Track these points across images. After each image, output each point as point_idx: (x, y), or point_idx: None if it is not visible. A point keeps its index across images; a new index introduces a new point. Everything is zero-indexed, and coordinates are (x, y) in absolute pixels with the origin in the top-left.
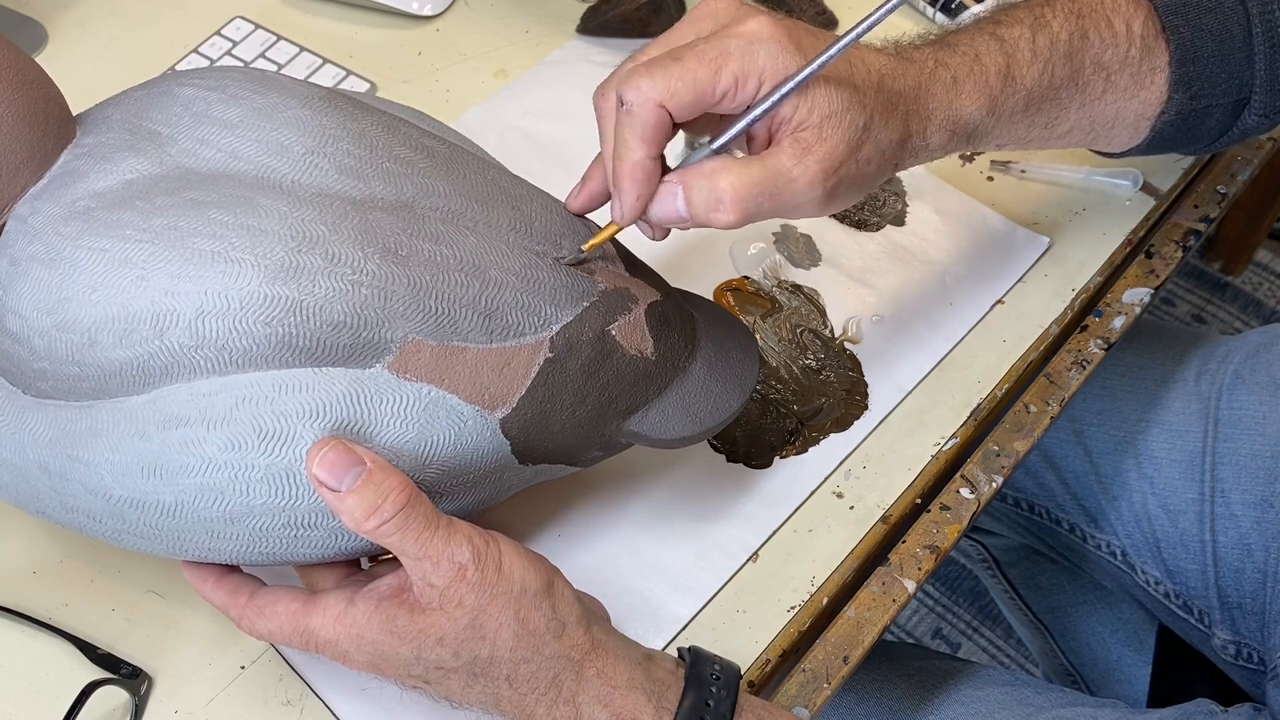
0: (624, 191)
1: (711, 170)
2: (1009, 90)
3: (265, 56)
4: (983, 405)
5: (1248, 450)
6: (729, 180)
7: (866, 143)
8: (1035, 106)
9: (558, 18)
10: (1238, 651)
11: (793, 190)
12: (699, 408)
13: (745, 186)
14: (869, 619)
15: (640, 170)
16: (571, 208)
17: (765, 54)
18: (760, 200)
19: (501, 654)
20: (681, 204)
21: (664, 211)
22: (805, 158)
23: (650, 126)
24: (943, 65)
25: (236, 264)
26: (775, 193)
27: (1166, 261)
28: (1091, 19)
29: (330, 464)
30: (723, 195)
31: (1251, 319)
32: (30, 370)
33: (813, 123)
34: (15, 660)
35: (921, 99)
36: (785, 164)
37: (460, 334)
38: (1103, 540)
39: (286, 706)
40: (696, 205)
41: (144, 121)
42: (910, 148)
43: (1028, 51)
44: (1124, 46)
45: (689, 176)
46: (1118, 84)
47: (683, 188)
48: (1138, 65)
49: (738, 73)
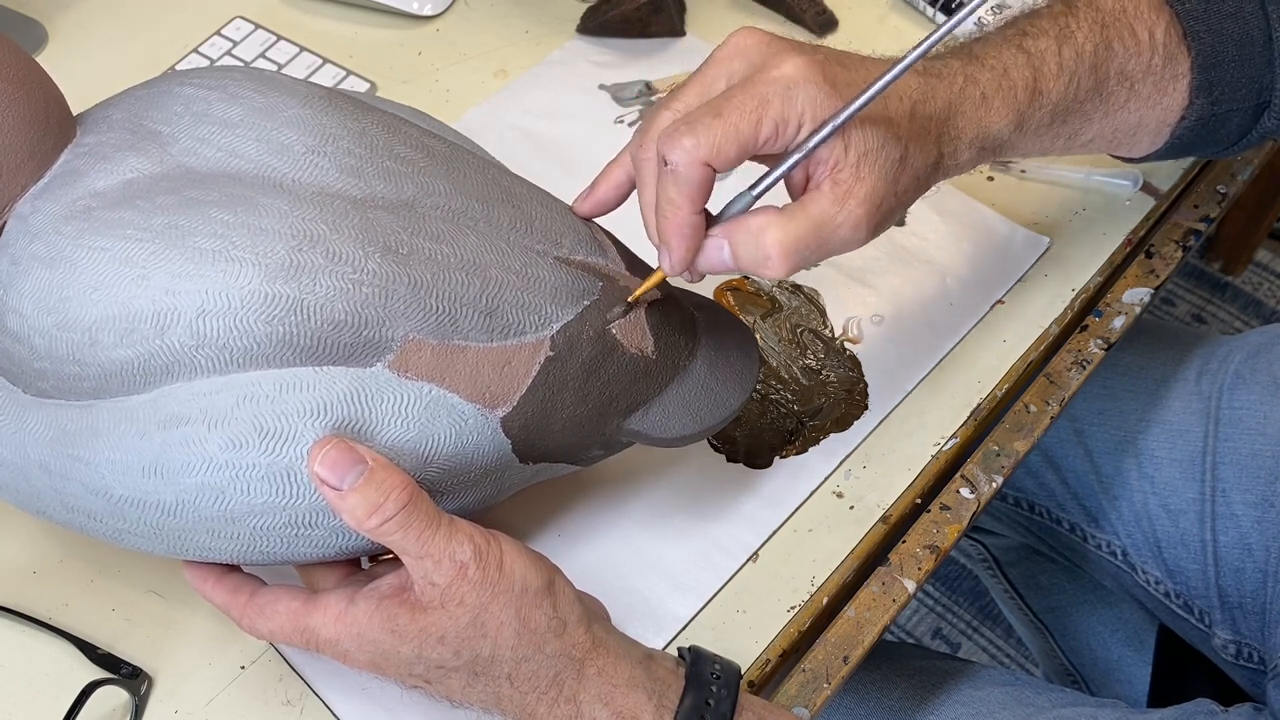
0: (673, 248)
1: (757, 228)
2: (1036, 105)
3: (265, 56)
4: (983, 405)
5: (1248, 450)
6: (774, 236)
7: (903, 174)
8: (1061, 119)
9: (558, 18)
10: (1238, 651)
11: (839, 236)
12: (699, 406)
13: (791, 242)
14: (869, 619)
15: (688, 227)
16: (578, 210)
17: (804, 97)
18: (806, 252)
19: (503, 653)
20: (728, 257)
21: (711, 264)
22: (847, 201)
23: (695, 186)
24: (971, 81)
25: (237, 263)
26: (821, 242)
27: (1166, 261)
28: (1115, 28)
29: (332, 462)
30: (769, 252)
31: (1251, 319)
32: (31, 369)
33: (850, 162)
34: (15, 660)
35: (952, 119)
36: (828, 210)
37: (461, 333)
38: (1103, 540)
39: (286, 706)
40: (744, 260)
41: (145, 121)
42: (942, 168)
43: (1054, 65)
44: (1147, 55)
45: (734, 233)
46: (1140, 92)
47: (729, 243)
48: (1160, 73)
49: (778, 119)
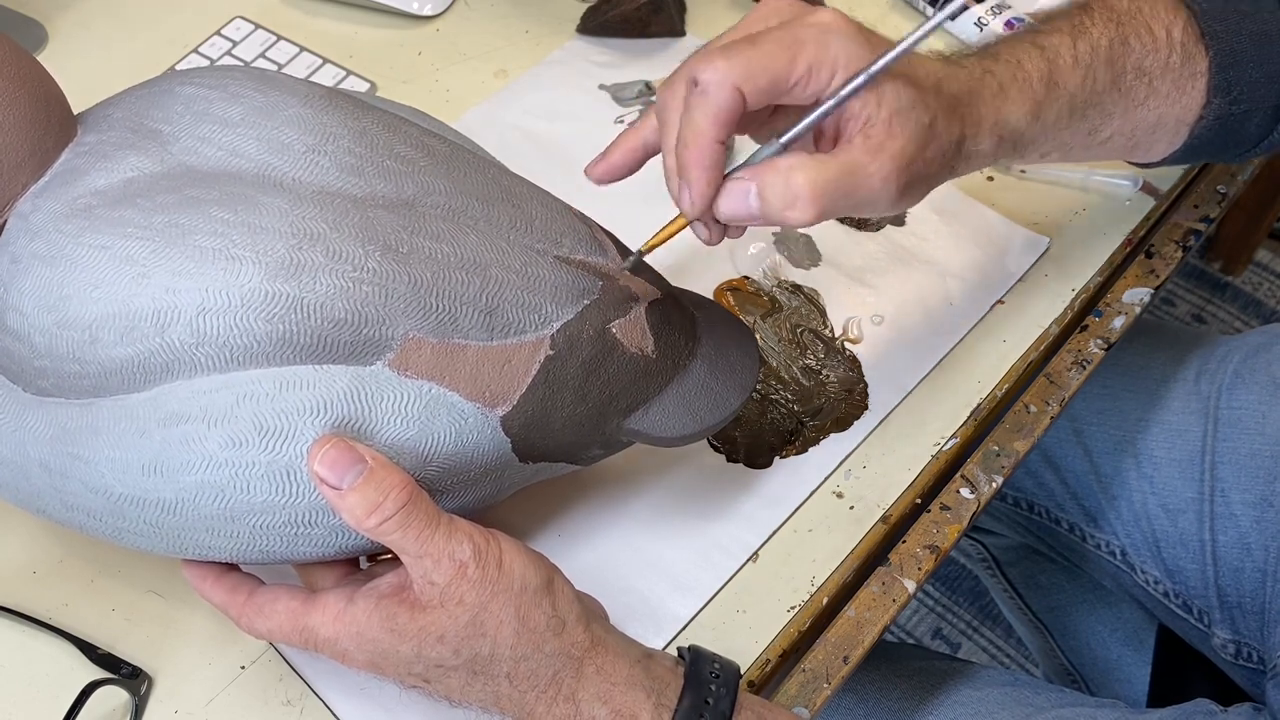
0: (694, 180)
1: (787, 167)
2: (1053, 96)
3: (265, 56)
4: (983, 405)
5: (1247, 450)
6: (805, 176)
7: (932, 141)
8: (1080, 113)
9: (558, 18)
10: (1237, 651)
11: (869, 187)
12: (699, 406)
13: (822, 183)
14: (869, 619)
15: (710, 154)
16: (590, 174)
17: (838, 44)
18: (836, 197)
19: (502, 651)
20: (754, 200)
21: (734, 209)
22: (879, 155)
23: (724, 109)
24: (989, 73)
25: (238, 261)
26: (851, 190)
27: (1166, 261)
28: (1131, 25)
29: (332, 461)
30: (799, 192)
31: (1251, 319)
32: (31, 368)
33: (882, 118)
34: (15, 660)
35: (973, 104)
36: (860, 159)
37: (461, 331)
38: (1102, 540)
39: (286, 706)
40: (771, 202)
41: (145, 120)
42: (965, 152)
43: (1069, 57)
44: (1164, 52)
45: (762, 173)
46: (1159, 89)
47: (756, 184)
48: (1179, 71)
49: (812, 61)
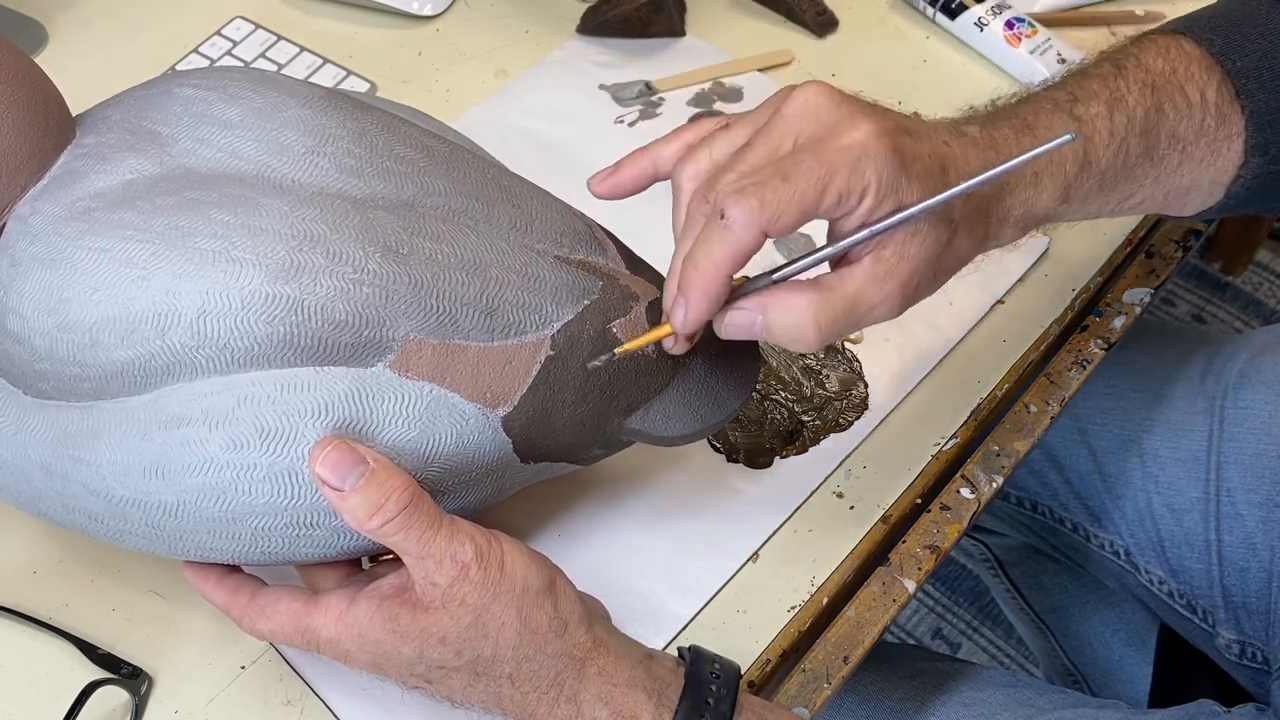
0: (693, 304)
1: (797, 308)
2: (1084, 175)
3: (265, 56)
4: (983, 405)
5: (1253, 449)
6: (814, 315)
7: (947, 254)
8: (1110, 186)
9: (558, 18)
10: (1242, 651)
11: (872, 315)
12: (700, 405)
13: (828, 320)
14: (869, 619)
15: (717, 286)
16: (594, 188)
17: (872, 171)
18: (840, 328)
19: (504, 653)
20: (760, 329)
21: (737, 327)
22: (885, 282)
23: (743, 250)
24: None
25: (238, 263)
26: (855, 320)
27: (1166, 261)
28: (1165, 90)
29: (333, 463)
30: (805, 331)
31: (1251, 319)
32: (31, 371)
33: (896, 240)
34: (15, 660)
35: (1003, 198)
36: (865, 291)
37: (461, 332)
38: (1106, 540)
39: (287, 706)
40: (777, 334)
41: (144, 121)
42: (984, 247)
43: (1105, 133)
44: (1199, 116)
45: (771, 308)
46: (1193, 155)
47: (763, 317)
48: (1214, 134)
49: (842, 190)
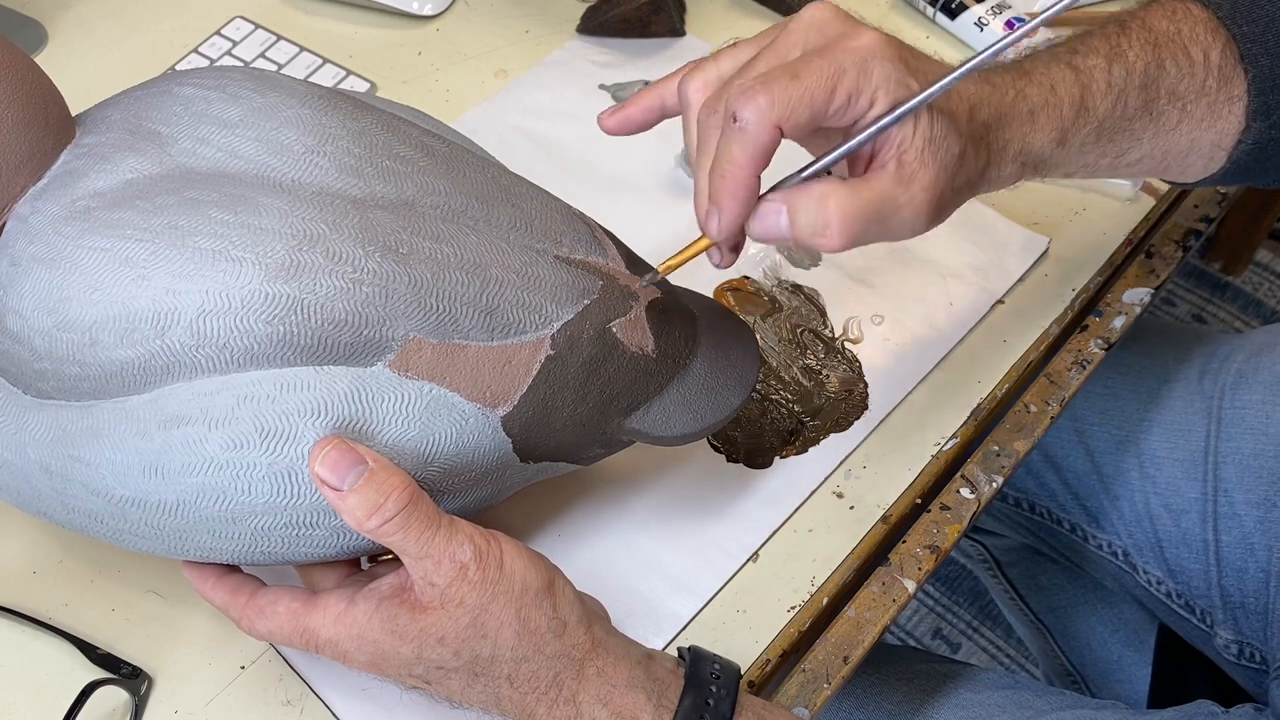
0: (725, 209)
1: (820, 194)
2: (1081, 121)
3: (265, 56)
4: (983, 405)
5: (1251, 449)
6: (837, 204)
7: (960, 171)
8: (1107, 137)
9: (558, 18)
10: (1240, 651)
11: (899, 218)
12: (700, 405)
13: (854, 212)
14: (869, 619)
15: (744, 188)
16: (603, 124)
17: (879, 71)
18: (867, 225)
19: (503, 653)
20: (785, 224)
21: (765, 229)
22: (911, 184)
23: (761, 146)
24: (1021, 97)
25: (237, 263)
26: (881, 219)
27: (1166, 261)
28: (1168, 48)
29: (333, 463)
30: (830, 220)
31: (1251, 319)
32: (31, 370)
33: (916, 146)
34: (15, 660)
35: (1001, 128)
36: (892, 190)
37: (461, 332)
38: (1104, 540)
39: (286, 706)
40: (801, 228)
41: (144, 121)
42: (987, 177)
43: (1103, 82)
44: (1200, 76)
45: (795, 198)
46: (1193, 114)
47: (788, 207)
48: (1215, 95)
49: (851, 90)
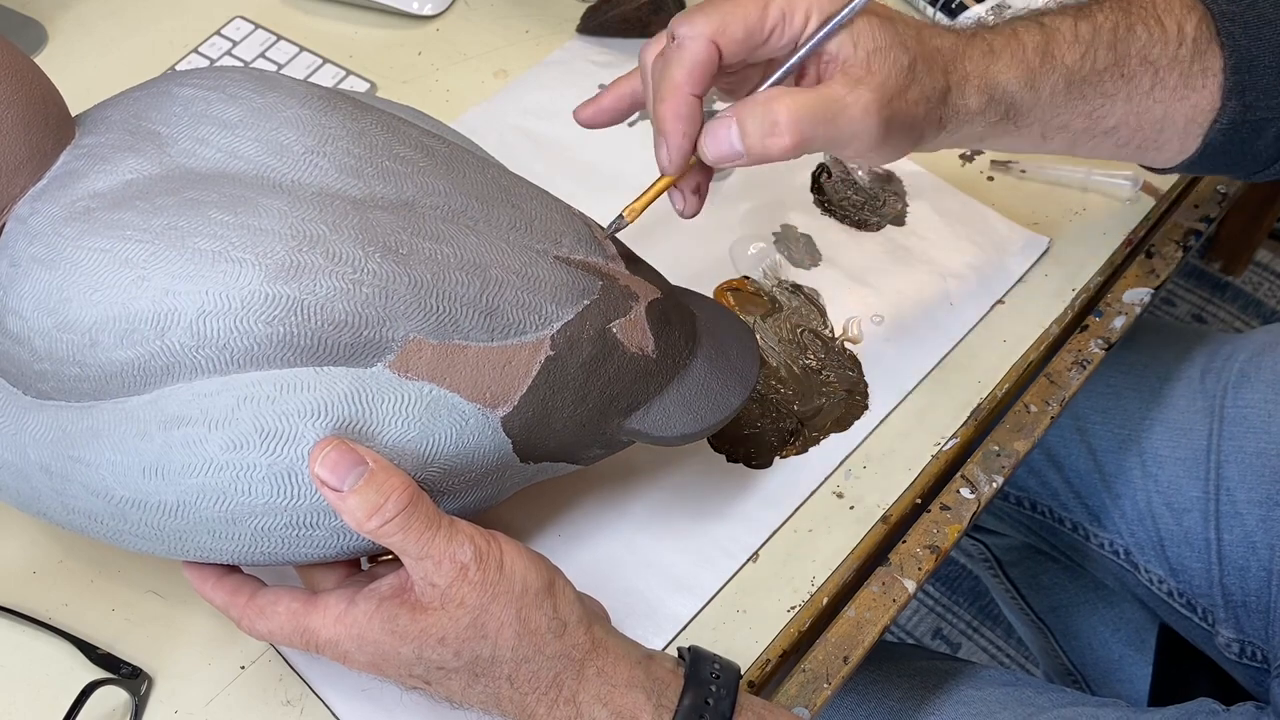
0: (669, 133)
1: (766, 97)
2: (1047, 67)
3: (265, 56)
4: (983, 405)
5: (1253, 448)
6: (784, 104)
7: (912, 84)
8: (1078, 91)
9: (558, 18)
10: (1241, 650)
11: (849, 118)
12: (700, 405)
13: (800, 109)
14: (869, 619)
15: (685, 105)
16: (579, 117)
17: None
18: (816, 125)
19: (503, 653)
20: (735, 135)
21: (718, 147)
22: (857, 87)
23: (698, 62)
24: (980, 37)
25: (237, 263)
26: (830, 118)
27: (1166, 261)
28: (1139, 15)
29: (333, 463)
30: (778, 118)
31: (1251, 319)
32: (31, 371)
33: (859, 57)
34: (15, 660)
35: (959, 59)
36: (838, 92)
37: (461, 332)
38: (1105, 539)
39: (286, 706)
40: (751, 134)
41: (143, 121)
42: (951, 104)
43: (1069, 34)
44: (1174, 45)
45: (742, 108)
46: (1166, 81)
47: (736, 119)
48: (1187, 66)
49: (784, 7)
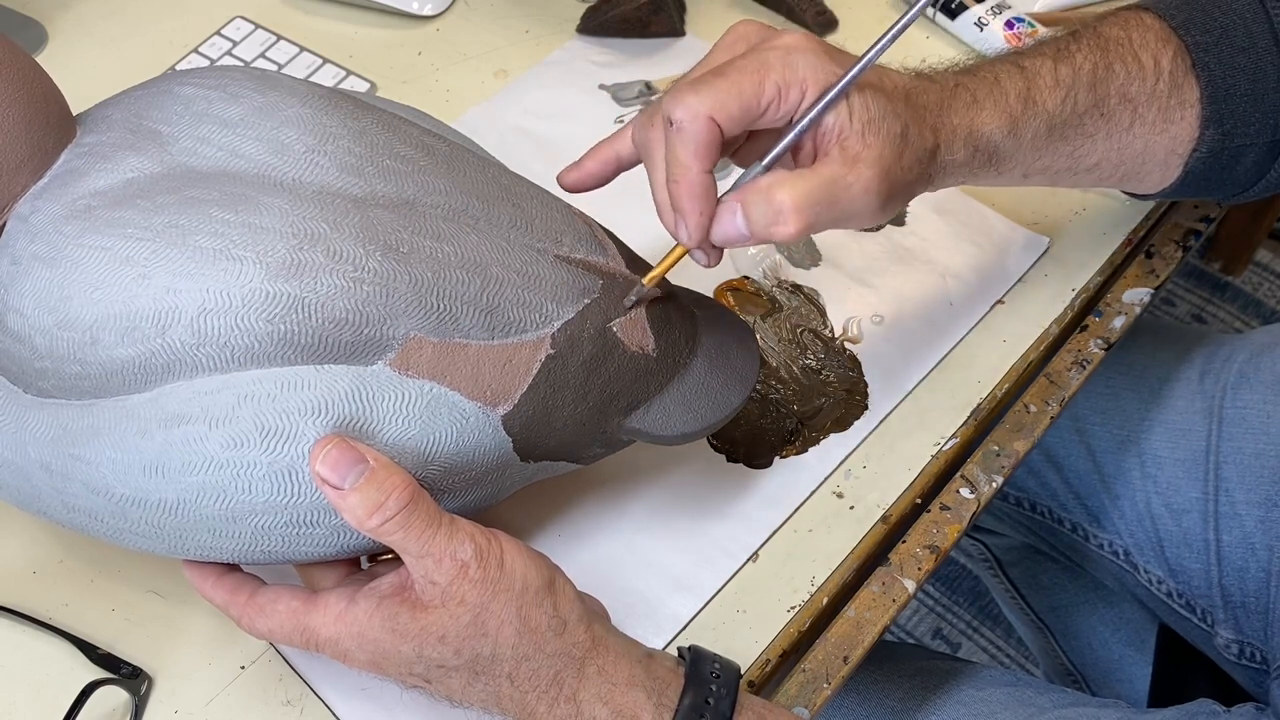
0: (687, 212)
1: (768, 185)
2: (1030, 113)
3: (265, 56)
4: (983, 405)
5: (1252, 449)
6: (786, 192)
7: (906, 150)
8: (1059, 133)
9: (558, 18)
10: (1241, 651)
11: (850, 196)
12: (700, 404)
13: (803, 196)
14: (869, 619)
15: (699, 186)
16: (562, 181)
17: (804, 63)
18: (819, 210)
19: (503, 652)
20: (741, 221)
21: (724, 232)
22: (857, 164)
23: (702, 143)
24: (963, 86)
25: (238, 261)
26: (833, 200)
27: (1166, 261)
28: (1117, 53)
29: (333, 461)
30: (782, 207)
31: (1251, 319)
32: (32, 369)
33: (855, 130)
34: (15, 660)
35: (945, 114)
36: (838, 171)
37: (462, 331)
38: (1105, 539)
39: (286, 706)
40: (756, 221)
41: (144, 120)
42: (940, 161)
43: (1049, 78)
44: (1151, 80)
45: (745, 194)
46: (1145, 117)
47: (741, 205)
48: (1165, 100)
49: (780, 82)
